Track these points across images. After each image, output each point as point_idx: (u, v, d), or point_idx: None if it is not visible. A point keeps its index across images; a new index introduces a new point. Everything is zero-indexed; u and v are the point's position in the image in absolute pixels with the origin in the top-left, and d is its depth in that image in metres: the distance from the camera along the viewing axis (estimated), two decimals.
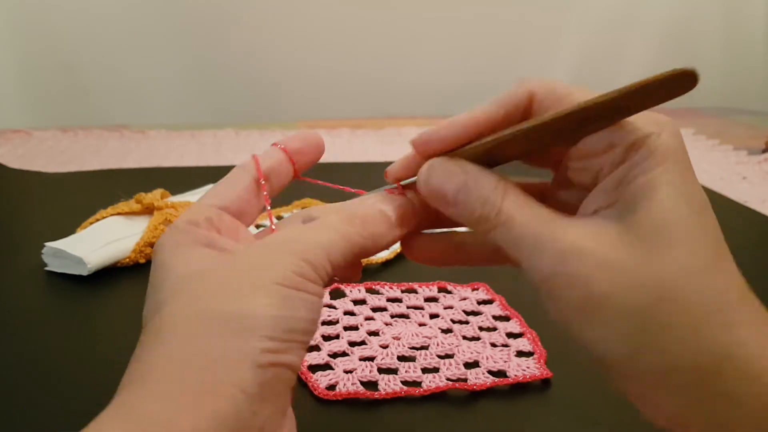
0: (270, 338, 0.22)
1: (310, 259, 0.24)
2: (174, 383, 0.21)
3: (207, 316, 0.23)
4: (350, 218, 0.27)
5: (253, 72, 1.37)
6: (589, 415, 0.40)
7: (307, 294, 0.24)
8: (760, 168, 1.03)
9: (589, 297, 0.22)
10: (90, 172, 0.96)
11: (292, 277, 0.24)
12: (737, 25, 1.49)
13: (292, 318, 0.23)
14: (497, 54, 1.45)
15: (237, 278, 0.24)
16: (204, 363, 0.22)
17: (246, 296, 0.23)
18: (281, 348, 0.23)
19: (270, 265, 0.24)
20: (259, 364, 0.22)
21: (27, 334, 0.49)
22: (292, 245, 0.25)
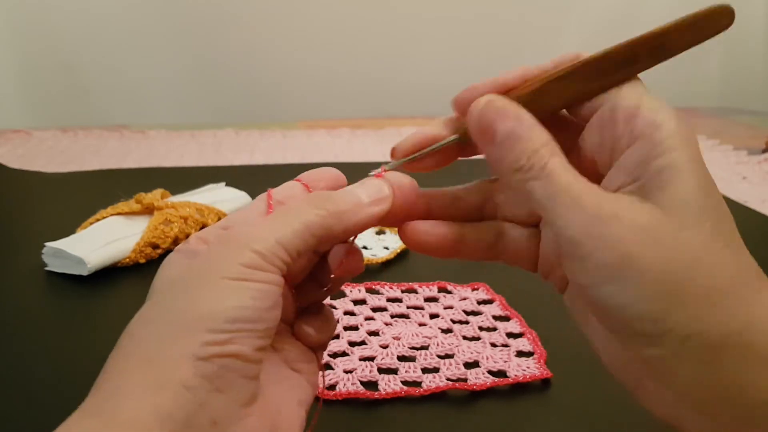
0: (212, 331, 0.23)
1: (258, 248, 0.25)
2: (122, 381, 0.23)
3: (160, 318, 0.24)
4: (309, 200, 0.27)
5: (253, 72, 1.37)
6: (589, 415, 0.40)
7: (255, 283, 0.24)
8: (760, 168, 1.03)
9: (624, 258, 0.23)
10: (90, 172, 0.96)
11: (239, 269, 0.24)
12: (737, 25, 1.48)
13: (235, 308, 0.24)
14: (497, 54, 1.45)
15: (192, 279, 0.25)
16: (147, 361, 0.23)
17: (193, 295, 0.24)
18: (224, 339, 0.23)
19: (219, 261, 0.25)
20: (200, 357, 0.23)
21: (27, 334, 0.49)
22: (241, 237, 0.25)
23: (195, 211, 0.66)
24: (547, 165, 0.24)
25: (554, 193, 0.24)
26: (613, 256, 0.23)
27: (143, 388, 0.22)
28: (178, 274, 0.26)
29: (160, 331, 0.24)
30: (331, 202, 0.27)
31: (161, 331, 0.23)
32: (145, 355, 0.23)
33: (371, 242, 0.64)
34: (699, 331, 0.22)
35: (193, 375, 0.22)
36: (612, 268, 0.23)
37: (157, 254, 0.62)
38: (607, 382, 0.42)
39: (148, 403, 0.22)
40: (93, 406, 0.23)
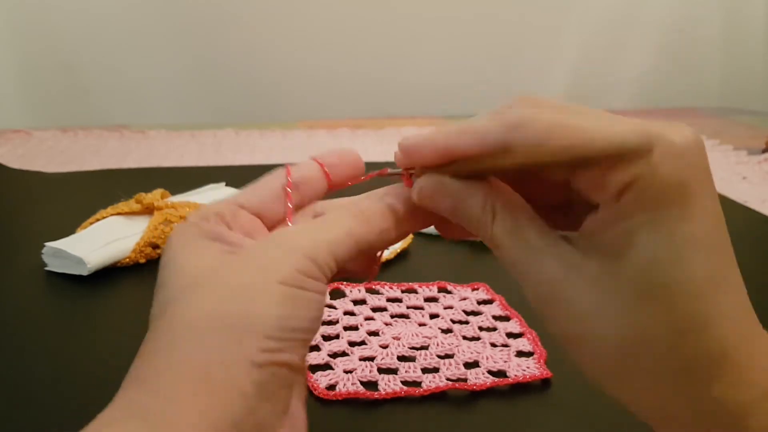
0: (268, 337, 0.23)
1: (315, 256, 0.24)
2: (174, 384, 0.22)
3: (208, 317, 0.23)
4: (357, 214, 0.27)
5: (253, 72, 1.37)
6: (589, 415, 0.40)
7: (310, 292, 0.24)
8: (760, 168, 1.03)
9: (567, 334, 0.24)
10: (90, 172, 0.96)
11: (296, 276, 0.24)
12: (737, 25, 1.49)
13: (293, 317, 0.23)
14: (497, 54, 1.45)
15: (240, 278, 0.24)
16: (203, 363, 0.22)
17: (247, 296, 0.23)
18: (280, 347, 0.23)
19: (274, 264, 0.24)
20: (257, 364, 0.22)
21: (27, 334, 0.49)
22: (298, 242, 0.25)
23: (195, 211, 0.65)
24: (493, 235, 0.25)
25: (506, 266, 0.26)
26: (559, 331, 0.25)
27: (198, 395, 0.21)
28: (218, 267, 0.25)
29: (213, 331, 0.23)
30: (378, 220, 0.27)
31: (214, 332, 0.22)
32: (198, 357, 0.22)
33: None
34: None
35: (249, 382, 0.22)
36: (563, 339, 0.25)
37: (157, 254, 0.62)
38: None
39: (202, 409, 0.21)
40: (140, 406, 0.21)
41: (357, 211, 0.27)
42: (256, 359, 0.22)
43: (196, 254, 0.25)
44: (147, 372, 0.22)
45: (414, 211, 0.28)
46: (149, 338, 0.24)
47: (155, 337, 0.23)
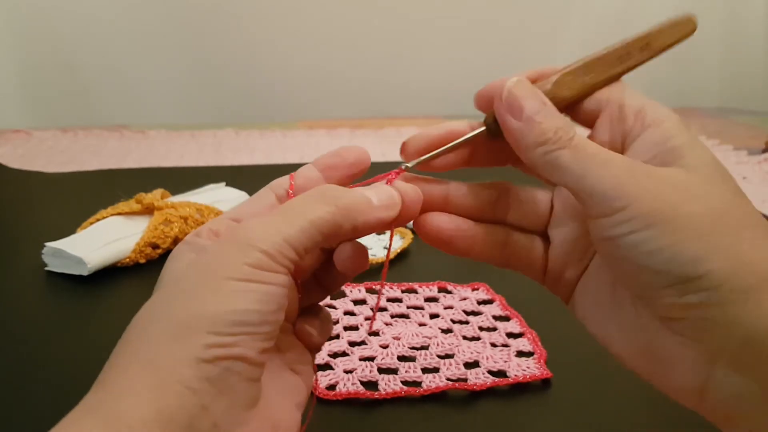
0: (214, 333, 0.23)
1: (266, 248, 0.24)
2: (125, 380, 0.22)
3: (163, 317, 0.24)
4: (317, 195, 0.27)
5: (253, 72, 1.37)
6: (589, 415, 0.40)
7: (264, 285, 0.24)
8: (760, 168, 1.03)
9: (661, 205, 0.24)
10: (90, 172, 0.96)
11: (245, 270, 0.24)
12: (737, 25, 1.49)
13: (239, 311, 0.23)
14: (497, 54, 1.45)
15: (196, 277, 0.24)
16: (151, 361, 0.22)
17: (195, 294, 0.24)
18: (228, 342, 0.23)
19: (225, 260, 0.24)
20: (204, 360, 0.22)
21: (27, 334, 0.49)
22: (248, 236, 0.25)
23: (195, 211, 0.66)
24: (573, 137, 0.26)
25: (584, 157, 0.25)
26: (651, 205, 0.24)
27: (146, 389, 0.22)
28: (183, 270, 0.26)
29: (163, 329, 0.23)
30: (341, 199, 0.26)
31: (164, 330, 0.23)
32: (148, 354, 0.23)
33: (371, 242, 0.64)
34: (737, 273, 0.23)
35: (196, 377, 0.22)
36: (650, 216, 0.24)
37: (157, 254, 0.62)
38: (607, 382, 0.43)
39: (151, 403, 0.22)
40: (94, 403, 0.22)
41: (318, 194, 0.27)
42: (202, 355, 0.22)
43: (177, 265, 0.26)
44: (106, 372, 0.23)
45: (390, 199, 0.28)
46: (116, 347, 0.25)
47: (119, 344, 0.24)
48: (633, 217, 0.24)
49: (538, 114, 0.26)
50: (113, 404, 0.22)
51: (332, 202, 0.26)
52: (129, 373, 0.23)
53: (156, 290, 0.26)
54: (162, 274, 0.26)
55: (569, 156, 0.26)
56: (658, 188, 0.24)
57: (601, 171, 0.25)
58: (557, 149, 0.26)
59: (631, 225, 0.24)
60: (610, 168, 0.25)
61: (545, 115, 0.26)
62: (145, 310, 0.25)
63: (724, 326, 0.23)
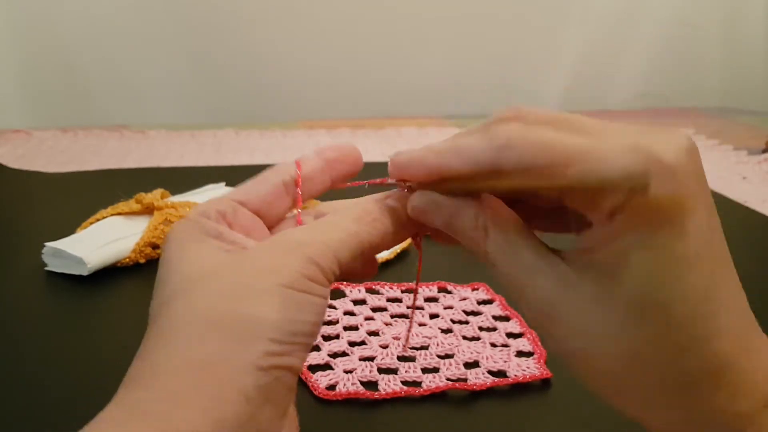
0: (273, 341, 0.22)
1: (318, 260, 0.24)
2: (176, 384, 0.21)
3: (212, 318, 0.23)
4: (361, 215, 0.27)
5: (253, 72, 1.37)
6: (589, 416, 0.40)
7: (313, 296, 0.24)
8: (760, 168, 1.03)
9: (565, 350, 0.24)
10: (90, 172, 0.96)
11: (299, 279, 0.24)
12: (737, 25, 1.49)
13: (296, 321, 0.23)
14: (497, 54, 1.45)
15: (243, 279, 0.24)
16: (206, 365, 0.22)
17: (251, 298, 0.23)
18: (283, 351, 0.23)
19: (277, 266, 0.24)
20: (261, 367, 0.22)
21: (27, 334, 0.49)
22: (301, 245, 0.25)
23: None
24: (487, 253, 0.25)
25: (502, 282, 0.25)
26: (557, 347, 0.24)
27: (202, 397, 0.21)
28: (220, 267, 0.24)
29: (216, 332, 0.22)
30: (381, 221, 0.27)
31: (217, 333, 0.22)
32: (201, 356, 0.22)
33: None
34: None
35: (252, 385, 0.22)
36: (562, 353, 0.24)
37: (157, 254, 0.62)
38: None
39: (206, 413, 0.21)
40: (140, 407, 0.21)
41: (361, 213, 0.27)
42: (261, 363, 0.22)
43: (197, 252, 0.25)
44: (147, 371, 0.22)
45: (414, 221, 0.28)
46: (148, 336, 0.23)
47: (155, 335, 0.23)
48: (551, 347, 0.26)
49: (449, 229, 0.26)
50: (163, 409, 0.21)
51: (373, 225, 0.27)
52: (177, 377, 0.22)
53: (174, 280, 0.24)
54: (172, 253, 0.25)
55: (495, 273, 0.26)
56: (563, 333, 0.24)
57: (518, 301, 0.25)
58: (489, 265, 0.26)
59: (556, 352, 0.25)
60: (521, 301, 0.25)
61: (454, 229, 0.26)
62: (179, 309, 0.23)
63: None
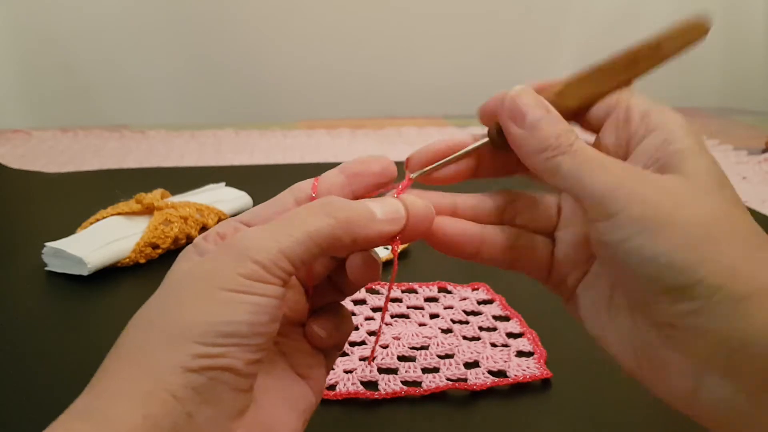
0: (201, 343, 0.23)
1: (260, 259, 0.24)
2: (114, 385, 0.23)
3: (155, 324, 0.24)
4: (318, 206, 0.26)
5: (253, 72, 1.37)
6: (589, 415, 0.40)
7: (254, 296, 0.24)
8: (760, 168, 1.03)
9: (656, 211, 0.24)
10: (90, 172, 0.96)
11: (238, 280, 0.24)
12: (737, 25, 1.49)
13: (231, 322, 0.23)
14: (497, 54, 1.45)
15: (191, 285, 0.25)
16: (139, 367, 0.23)
17: (190, 303, 0.24)
18: (216, 353, 0.23)
19: (219, 269, 0.24)
20: (190, 369, 0.23)
21: (27, 334, 0.49)
22: (244, 245, 0.24)
23: (195, 211, 0.66)
24: (574, 143, 0.26)
25: (583, 161, 0.26)
26: (645, 210, 0.24)
27: (134, 394, 0.22)
28: (180, 276, 0.26)
29: (155, 336, 0.23)
30: (341, 211, 0.26)
31: (155, 337, 0.23)
32: (136, 360, 0.23)
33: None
34: (730, 282, 0.23)
35: (182, 385, 0.22)
36: (644, 222, 0.24)
37: (157, 254, 0.62)
38: (607, 382, 0.43)
39: (138, 410, 0.22)
40: (84, 407, 0.23)
41: (318, 205, 0.26)
42: (189, 364, 0.23)
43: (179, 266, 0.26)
44: (97, 376, 0.24)
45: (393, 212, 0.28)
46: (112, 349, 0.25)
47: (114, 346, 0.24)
48: (626, 222, 0.24)
49: (540, 120, 0.27)
50: (103, 409, 0.22)
51: (332, 214, 0.25)
52: (119, 378, 0.23)
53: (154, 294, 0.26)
54: (166, 276, 0.26)
55: (569, 161, 0.26)
56: (652, 195, 0.24)
57: (597, 176, 0.25)
58: (558, 155, 0.26)
59: (624, 231, 0.24)
60: (606, 173, 0.25)
61: (548, 121, 0.27)
62: (140, 315, 0.25)
63: (716, 334, 0.23)
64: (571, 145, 0.26)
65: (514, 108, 0.27)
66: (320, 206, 0.26)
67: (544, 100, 0.28)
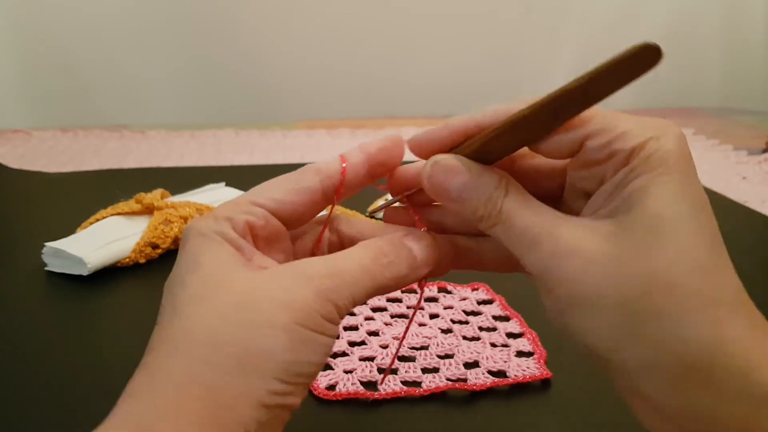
0: (278, 380, 0.22)
1: (334, 298, 0.24)
2: (180, 406, 0.21)
3: (219, 340, 0.22)
4: (377, 256, 0.27)
5: (253, 72, 1.37)
6: (589, 415, 0.40)
7: (325, 336, 0.24)
8: (760, 168, 1.03)
9: (578, 293, 0.24)
10: (90, 172, 0.96)
11: (314, 317, 0.23)
12: (737, 25, 1.49)
13: (304, 362, 0.23)
14: (497, 54, 1.45)
15: (257, 306, 0.23)
16: (212, 393, 0.22)
17: (262, 330, 0.23)
18: (288, 390, 0.23)
19: (293, 301, 0.23)
20: (265, 405, 0.22)
21: (27, 334, 0.49)
22: (321, 282, 0.24)
23: (195, 211, 0.66)
24: (501, 210, 0.25)
25: (513, 237, 0.25)
26: (571, 291, 0.24)
27: (202, 420, 0.21)
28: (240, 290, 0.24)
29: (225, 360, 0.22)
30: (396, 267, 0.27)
31: (226, 361, 0.22)
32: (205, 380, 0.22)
33: None
34: (658, 361, 0.22)
35: (253, 420, 0.22)
36: (571, 302, 0.24)
37: (157, 254, 0.62)
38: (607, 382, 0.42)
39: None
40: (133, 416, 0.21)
41: (377, 253, 0.27)
42: (266, 401, 0.22)
43: (218, 261, 0.25)
44: (151, 387, 0.22)
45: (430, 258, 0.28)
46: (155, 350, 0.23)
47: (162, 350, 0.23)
48: (559, 300, 0.24)
49: (462, 192, 0.26)
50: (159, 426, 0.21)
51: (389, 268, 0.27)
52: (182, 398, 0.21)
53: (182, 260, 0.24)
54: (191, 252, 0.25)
55: (502, 234, 0.26)
56: (579, 271, 0.23)
57: (528, 254, 0.25)
58: (491, 226, 0.26)
59: (559, 306, 0.25)
60: (535, 251, 0.24)
61: (471, 190, 0.26)
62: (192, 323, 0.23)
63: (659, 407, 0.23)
64: (499, 213, 0.25)
65: (434, 185, 0.27)
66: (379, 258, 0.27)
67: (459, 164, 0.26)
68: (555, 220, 0.25)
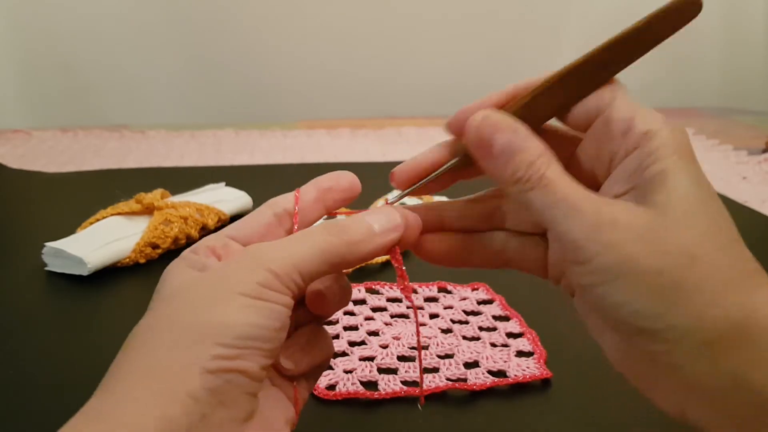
0: (221, 345, 0.23)
1: (275, 269, 0.25)
2: (129, 387, 0.23)
3: (170, 327, 0.24)
4: (327, 227, 0.28)
5: (253, 72, 1.37)
6: (589, 415, 0.40)
7: (270, 303, 0.25)
8: (760, 168, 1.03)
9: (623, 260, 0.24)
10: (90, 172, 0.96)
11: (255, 288, 0.25)
12: (737, 25, 1.49)
13: (248, 325, 0.24)
14: (497, 54, 1.45)
15: (205, 291, 0.25)
16: (157, 368, 0.23)
17: (206, 307, 0.24)
18: (233, 354, 0.23)
19: (236, 277, 0.25)
20: (209, 370, 0.23)
21: (27, 334, 0.49)
22: (261, 256, 0.26)
23: (195, 211, 0.66)
24: (544, 175, 0.25)
25: (553, 202, 0.25)
26: (613, 259, 0.24)
27: (149, 396, 0.22)
28: (188, 283, 0.26)
29: (170, 339, 0.24)
30: (346, 232, 0.27)
31: (171, 339, 0.24)
32: (153, 363, 0.23)
33: None
34: (698, 327, 0.23)
35: (200, 387, 0.23)
36: (612, 270, 0.24)
37: (157, 254, 0.62)
38: (607, 382, 0.43)
39: (154, 411, 0.22)
40: (97, 409, 0.23)
41: (328, 224, 0.28)
42: (208, 366, 0.23)
43: (178, 277, 0.27)
44: (107, 379, 0.24)
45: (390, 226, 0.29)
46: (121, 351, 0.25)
47: (124, 349, 0.25)
48: (596, 269, 0.24)
49: (506, 149, 0.26)
50: (116, 411, 0.22)
51: (338, 234, 0.27)
52: (130, 380, 0.23)
53: (153, 303, 0.26)
54: (159, 289, 0.27)
55: (540, 198, 0.25)
56: (621, 241, 0.24)
57: (568, 222, 0.25)
58: (528, 190, 0.26)
59: (595, 277, 0.24)
60: (577, 219, 0.25)
61: (516, 149, 0.26)
62: (148, 321, 0.25)
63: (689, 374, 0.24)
64: (541, 178, 0.25)
65: (478, 138, 0.27)
66: (328, 227, 0.27)
67: (511, 120, 0.26)
68: (593, 194, 0.26)
